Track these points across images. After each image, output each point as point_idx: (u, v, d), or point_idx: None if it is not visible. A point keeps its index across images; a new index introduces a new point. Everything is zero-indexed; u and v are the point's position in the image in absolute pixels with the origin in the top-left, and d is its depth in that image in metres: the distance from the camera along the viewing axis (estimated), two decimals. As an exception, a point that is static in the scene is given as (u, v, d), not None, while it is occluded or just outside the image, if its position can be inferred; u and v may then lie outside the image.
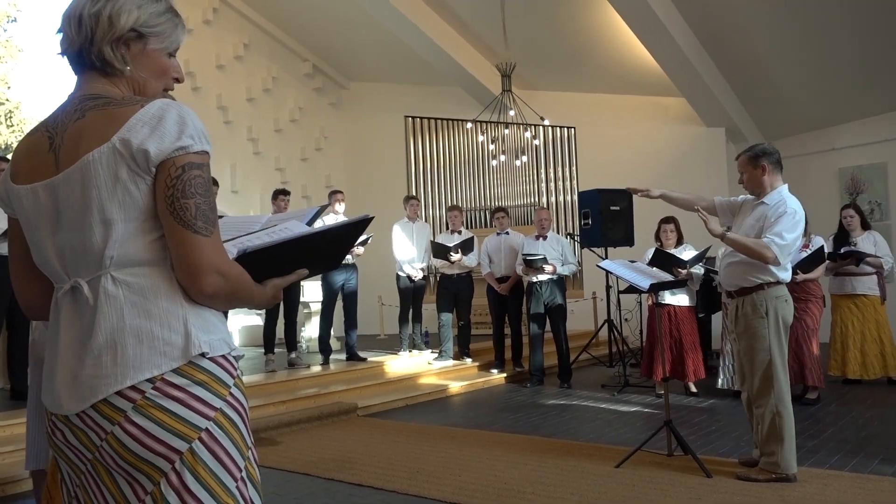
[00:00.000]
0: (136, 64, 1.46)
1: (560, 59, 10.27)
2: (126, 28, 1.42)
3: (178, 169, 1.32)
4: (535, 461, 4.51)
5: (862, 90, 9.18)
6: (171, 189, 1.31)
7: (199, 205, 1.32)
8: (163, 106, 1.35)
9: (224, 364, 1.39)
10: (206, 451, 1.32)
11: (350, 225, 1.57)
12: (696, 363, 6.48)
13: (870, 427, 5.10)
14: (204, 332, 1.36)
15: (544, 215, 7.72)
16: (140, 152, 1.30)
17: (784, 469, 3.81)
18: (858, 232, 6.70)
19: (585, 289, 10.68)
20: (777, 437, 3.81)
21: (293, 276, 1.53)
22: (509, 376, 7.94)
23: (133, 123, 1.32)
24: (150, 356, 1.31)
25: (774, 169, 3.94)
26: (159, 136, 1.31)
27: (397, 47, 10.55)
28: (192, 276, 1.32)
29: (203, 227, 1.32)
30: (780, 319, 3.85)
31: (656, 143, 10.47)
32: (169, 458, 1.30)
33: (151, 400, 1.29)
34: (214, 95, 10.49)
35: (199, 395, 1.33)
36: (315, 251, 1.57)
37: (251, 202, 10.63)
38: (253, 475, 1.42)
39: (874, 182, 9.75)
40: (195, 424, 1.31)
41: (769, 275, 3.84)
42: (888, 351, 6.57)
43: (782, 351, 3.87)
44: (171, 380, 1.31)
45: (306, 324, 9.38)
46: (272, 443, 5.33)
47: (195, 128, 1.36)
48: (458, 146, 12.01)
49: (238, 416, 1.39)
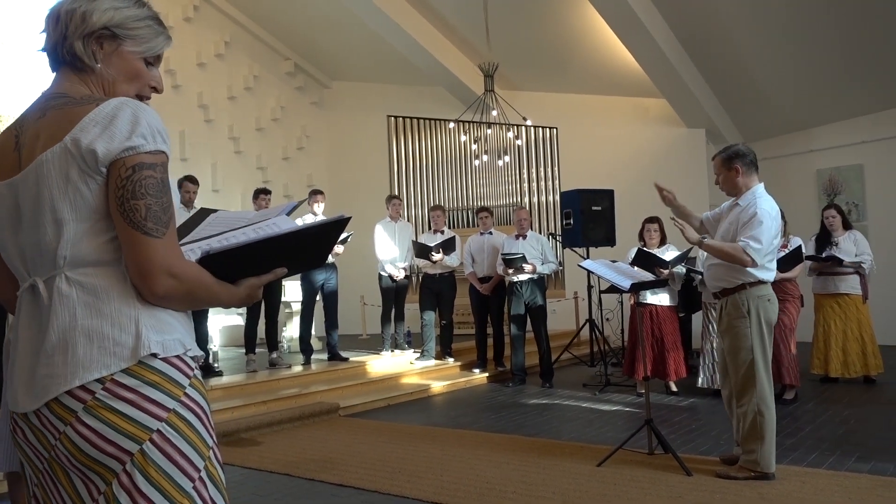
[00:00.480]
0: (108, 63, 1.46)
1: (542, 60, 10.30)
2: (98, 25, 1.42)
3: (128, 169, 1.31)
4: (516, 460, 4.52)
5: (840, 93, 9.29)
6: (121, 190, 1.30)
7: (149, 206, 1.31)
8: (117, 105, 1.33)
9: (178, 364, 1.38)
10: (157, 452, 1.31)
11: (325, 225, 1.55)
12: (678, 362, 6.52)
13: (847, 425, 5.16)
14: (157, 332, 1.35)
15: (523, 215, 7.74)
16: (89, 152, 1.30)
17: (763, 467, 3.84)
18: (840, 232, 6.78)
19: (567, 289, 10.72)
20: (758, 436, 3.84)
21: (270, 275, 1.51)
22: (491, 376, 7.95)
23: (85, 123, 1.31)
24: (100, 356, 1.30)
25: (748, 170, 3.98)
26: (109, 135, 1.30)
27: (380, 47, 10.53)
28: (142, 277, 1.32)
29: (153, 229, 1.31)
30: (763, 319, 3.88)
31: (638, 143, 10.53)
32: (120, 458, 1.30)
33: (101, 401, 1.29)
34: (195, 94, 10.40)
35: (150, 396, 1.32)
36: (291, 251, 1.55)
37: (232, 201, 10.54)
38: (214, 475, 1.40)
39: (851, 183, 9.88)
40: (146, 426, 1.30)
41: (750, 275, 3.87)
42: (869, 350, 6.65)
43: (765, 350, 3.90)
44: (122, 381, 1.30)
45: (287, 324, 9.33)
46: (253, 443, 5.29)
47: (149, 127, 1.33)
48: (441, 146, 12.02)
49: (194, 417, 1.38)
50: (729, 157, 3.99)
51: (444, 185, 11.93)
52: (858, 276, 6.63)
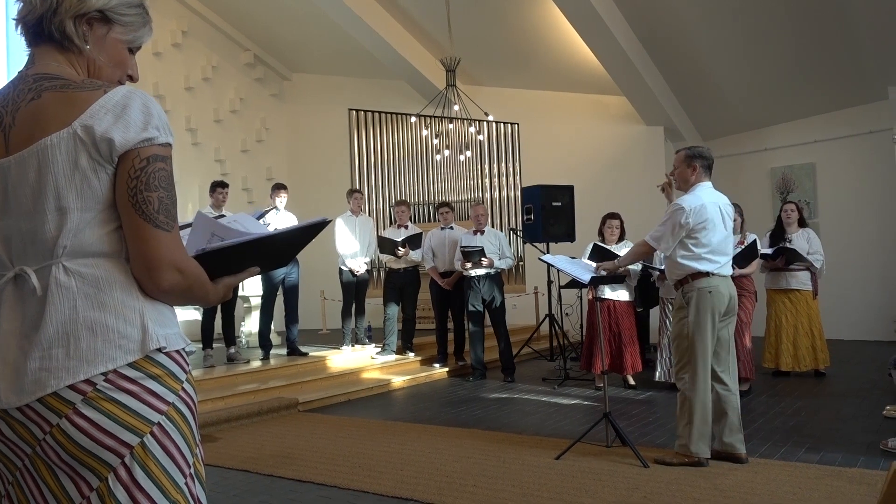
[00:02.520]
0: (96, 47, 1.42)
1: (504, 56, 10.34)
2: (94, 7, 1.39)
3: (142, 160, 1.28)
4: (476, 454, 4.54)
5: (793, 93, 9.51)
6: (135, 181, 1.27)
7: (161, 199, 1.29)
8: (126, 94, 1.30)
9: (177, 359, 1.37)
10: (157, 445, 1.29)
11: (308, 228, 1.58)
12: (634, 357, 6.62)
13: (798, 417, 5.30)
14: (160, 326, 1.33)
15: (480, 211, 7.76)
16: (104, 141, 1.26)
17: (695, 453, 4.00)
18: (794, 228, 6.92)
19: (527, 283, 10.79)
20: (686, 421, 4.02)
21: (245, 273, 1.52)
22: (452, 370, 7.96)
23: (96, 109, 1.27)
24: (106, 349, 1.26)
25: (703, 172, 4.24)
26: (124, 124, 1.27)
27: (341, 39, 10.44)
28: (149, 270, 1.30)
29: (164, 222, 1.29)
30: (701, 309, 4.03)
31: (598, 140, 10.65)
32: (118, 452, 1.26)
33: (103, 392, 1.25)
34: (151, 84, 10.17)
35: (152, 388, 1.30)
36: (269, 251, 1.58)
37: (189, 194, 10.37)
38: (200, 472, 1.39)
39: (803, 181, 10.13)
40: (147, 418, 1.28)
41: (689, 268, 4.10)
42: (818, 344, 6.82)
43: (703, 339, 4.03)
44: (125, 372, 1.27)
45: (246, 318, 9.21)
46: (211, 439, 5.21)
47: (160, 119, 1.32)
48: (403, 140, 11.98)
49: (189, 412, 1.37)
50: (692, 155, 4.24)
51: (405, 179, 11.90)
52: (809, 272, 6.79)
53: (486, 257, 7.36)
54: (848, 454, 4.23)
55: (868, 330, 9.40)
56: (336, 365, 7.58)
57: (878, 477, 3.71)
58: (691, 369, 4.03)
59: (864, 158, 9.57)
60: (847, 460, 4.11)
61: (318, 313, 10.97)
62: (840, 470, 3.91)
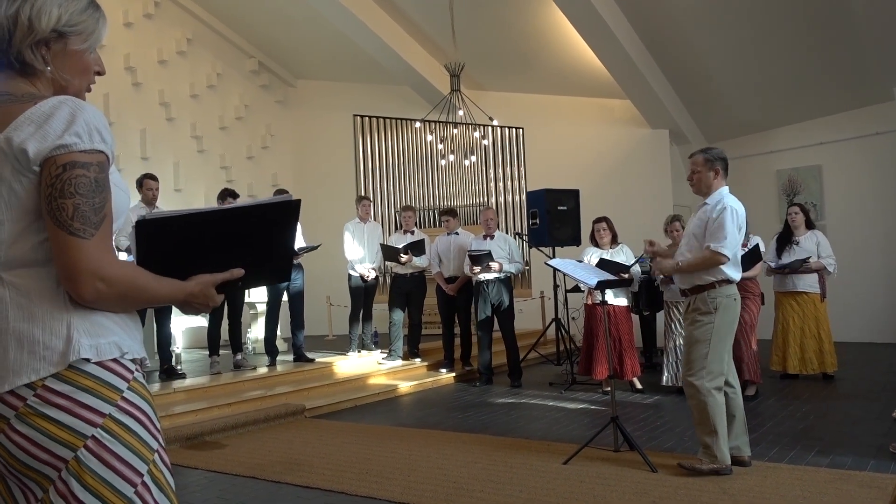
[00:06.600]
0: (57, 63, 1.42)
1: (509, 60, 10.34)
2: (47, 30, 1.38)
3: (58, 168, 1.27)
4: (484, 459, 4.52)
5: (799, 95, 9.49)
6: (50, 188, 1.27)
7: (77, 205, 1.27)
8: (55, 104, 1.30)
9: (115, 368, 1.34)
10: (93, 458, 1.28)
11: (268, 206, 1.48)
12: (633, 361, 6.64)
13: (806, 421, 5.27)
14: (90, 336, 1.31)
15: (490, 215, 7.76)
16: (20, 151, 1.26)
17: (722, 459, 3.94)
18: (802, 231, 6.88)
19: (533, 288, 10.78)
20: (710, 428, 3.93)
21: (226, 273, 1.48)
22: (458, 376, 7.95)
23: (21, 121, 1.28)
24: (30, 361, 1.26)
25: (724, 174, 4.16)
26: (42, 134, 1.27)
27: (345, 45, 10.46)
28: (68, 280, 1.28)
29: (80, 229, 1.27)
30: (726, 316, 3.99)
31: (603, 143, 10.64)
32: (55, 465, 1.27)
33: (33, 407, 1.25)
34: (156, 91, 10.20)
35: (84, 401, 1.28)
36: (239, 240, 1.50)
37: (195, 201, 10.38)
38: (160, 479, 1.37)
39: (810, 184, 10.10)
40: (79, 432, 1.27)
41: (721, 273, 3.99)
42: (826, 347, 6.78)
43: (728, 346, 4.01)
44: (54, 387, 1.27)
45: (252, 325, 9.22)
46: (218, 446, 5.21)
47: (86, 125, 1.30)
48: (407, 145, 11.99)
49: (134, 421, 1.34)
50: (712, 157, 4.13)
51: (410, 184, 11.90)
52: (817, 274, 6.76)
53: (496, 261, 7.35)
54: (857, 458, 4.20)
55: (876, 332, 9.35)
56: (342, 371, 7.58)
57: (888, 480, 3.69)
58: (712, 375, 3.95)
59: (870, 160, 9.55)
60: (857, 464, 4.08)
61: (325, 319, 10.96)
62: (850, 474, 3.89)
